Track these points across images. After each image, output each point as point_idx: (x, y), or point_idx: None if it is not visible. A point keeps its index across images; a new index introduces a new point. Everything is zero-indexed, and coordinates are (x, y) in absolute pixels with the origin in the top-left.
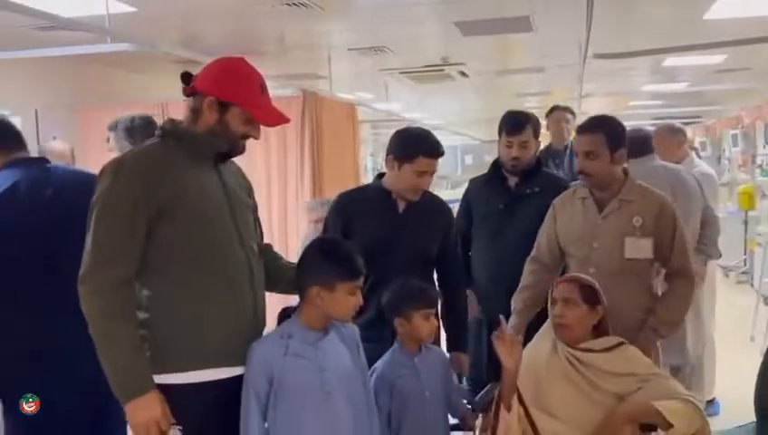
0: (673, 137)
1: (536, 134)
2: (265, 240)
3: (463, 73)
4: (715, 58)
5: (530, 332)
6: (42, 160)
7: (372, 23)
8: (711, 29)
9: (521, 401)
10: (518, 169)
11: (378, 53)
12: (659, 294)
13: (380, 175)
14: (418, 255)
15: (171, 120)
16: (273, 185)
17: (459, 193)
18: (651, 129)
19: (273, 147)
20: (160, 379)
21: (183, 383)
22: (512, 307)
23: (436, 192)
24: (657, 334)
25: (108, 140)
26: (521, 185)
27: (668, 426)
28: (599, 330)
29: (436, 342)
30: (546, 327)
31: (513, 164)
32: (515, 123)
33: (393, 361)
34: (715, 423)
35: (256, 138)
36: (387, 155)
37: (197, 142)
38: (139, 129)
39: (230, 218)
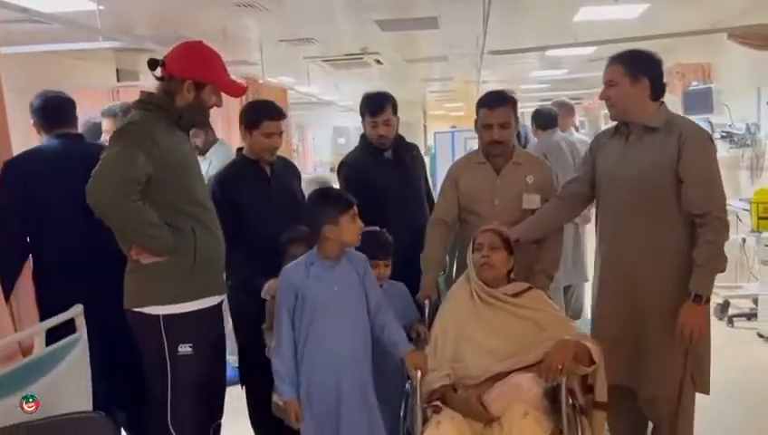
0: (561, 109)
1: (395, 111)
2: None
3: (378, 61)
4: (587, 50)
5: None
6: (75, 136)
7: (304, 18)
8: (580, 29)
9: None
10: (386, 145)
11: (305, 43)
12: None
13: (240, 149)
14: (293, 207)
15: (158, 96)
16: None
17: None
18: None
19: (218, 128)
20: (175, 308)
21: (194, 310)
22: (422, 266)
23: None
24: (548, 275)
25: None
26: (400, 154)
27: (592, 363)
28: (508, 277)
29: None
30: (460, 281)
31: (381, 142)
32: (377, 106)
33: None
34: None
35: (220, 106)
36: (240, 127)
37: (182, 116)
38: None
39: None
